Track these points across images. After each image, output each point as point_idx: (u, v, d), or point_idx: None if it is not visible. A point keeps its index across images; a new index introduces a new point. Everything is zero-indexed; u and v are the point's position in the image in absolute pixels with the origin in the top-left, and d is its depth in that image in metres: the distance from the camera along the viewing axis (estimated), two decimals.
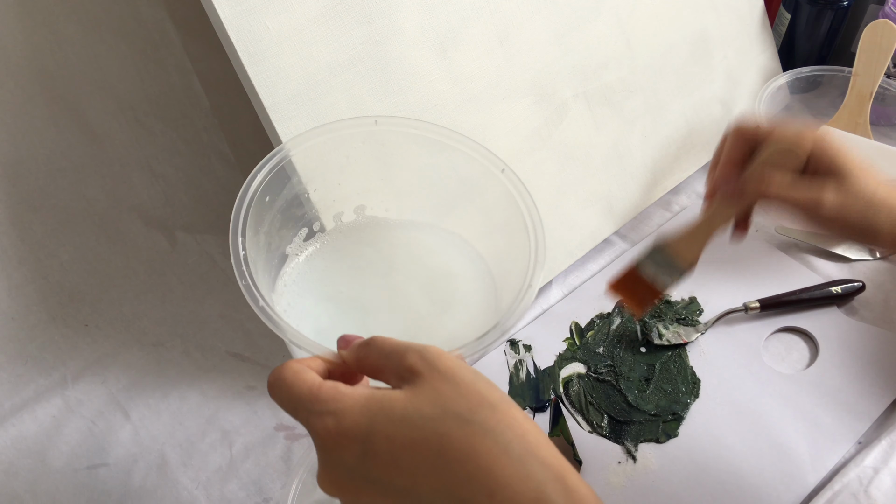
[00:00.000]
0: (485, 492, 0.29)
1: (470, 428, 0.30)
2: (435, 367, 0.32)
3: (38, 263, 0.65)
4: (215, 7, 0.49)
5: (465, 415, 0.30)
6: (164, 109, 0.69)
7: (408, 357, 0.33)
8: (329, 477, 0.32)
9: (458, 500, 0.30)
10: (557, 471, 0.30)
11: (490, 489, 0.29)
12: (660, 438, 0.59)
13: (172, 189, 0.71)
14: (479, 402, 0.31)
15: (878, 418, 0.60)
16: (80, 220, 0.66)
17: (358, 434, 0.31)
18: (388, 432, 0.31)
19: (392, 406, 0.31)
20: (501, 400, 0.32)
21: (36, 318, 0.64)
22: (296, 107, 0.53)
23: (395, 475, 0.30)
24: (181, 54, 0.68)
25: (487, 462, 0.29)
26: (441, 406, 0.31)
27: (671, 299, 0.69)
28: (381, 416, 0.31)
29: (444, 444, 0.30)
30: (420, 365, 0.32)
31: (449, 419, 0.30)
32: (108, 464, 0.57)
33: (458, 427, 0.30)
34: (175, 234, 0.71)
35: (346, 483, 0.32)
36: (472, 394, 0.31)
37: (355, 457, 0.31)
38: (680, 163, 0.79)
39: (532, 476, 0.29)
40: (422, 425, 0.30)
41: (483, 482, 0.29)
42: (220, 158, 0.73)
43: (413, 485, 0.30)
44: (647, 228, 0.76)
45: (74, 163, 0.65)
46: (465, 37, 0.61)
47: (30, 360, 0.63)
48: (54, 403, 0.61)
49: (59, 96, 0.63)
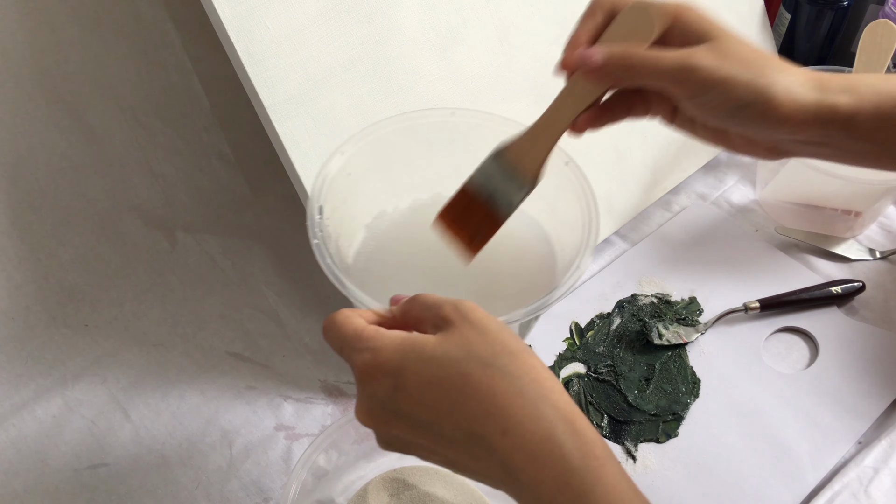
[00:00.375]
0: (499, 429, 0.32)
1: (490, 370, 0.33)
2: (466, 318, 0.35)
3: (38, 263, 0.65)
4: (215, 7, 0.49)
5: (488, 359, 0.33)
6: (164, 109, 0.69)
7: (444, 308, 0.35)
8: (364, 408, 0.35)
9: (474, 436, 0.32)
10: (567, 414, 0.32)
11: (504, 427, 0.32)
12: (660, 438, 0.59)
13: (172, 189, 0.71)
14: (502, 348, 0.34)
15: (879, 418, 0.60)
16: (80, 220, 0.66)
17: (390, 369, 0.34)
18: (417, 369, 0.33)
19: (423, 347, 0.34)
20: (522, 350, 0.34)
21: (36, 317, 0.64)
22: (296, 107, 0.53)
23: (419, 410, 0.33)
24: (181, 54, 0.68)
25: (503, 401, 0.32)
26: (466, 350, 0.33)
27: (671, 299, 0.69)
28: (412, 355, 0.34)
29: (465, 384, 0.33)
30: (453, 315, 0.35)
31: (472, 361, 0.33)
32: (108, 464, 0.57)
33: (479, 369, 0.33)
34: (175, 234, 0.71)
35: (379, 414, 0.35)
36: (496, 342, 0.34)
37: (387, 390, 0.34)
38: (680, 163, 0.79)
39: (544, 416, 0.32)
40: (447, 365, 0.33)
41: (498, 420, 0.32)
42: (220, 158, 0.73)
43: (435, 419, 0.33)
44: (647, 228, 0.76)
45: (74, 163, 0.65)
46: (465, 37, 0.61)
47: (30, 360, 0.63)
48: (54, 403, 0.61)
49: (59, 96, 0.63)
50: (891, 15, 0.80)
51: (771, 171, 0.76)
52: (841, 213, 0.73)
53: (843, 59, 0.92)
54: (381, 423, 0.35)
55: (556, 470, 0.31)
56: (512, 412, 0.32)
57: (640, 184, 0.75)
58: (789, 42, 0.90)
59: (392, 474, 0.54)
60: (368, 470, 0.56)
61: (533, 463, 0.32)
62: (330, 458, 0.56)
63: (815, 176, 0.70)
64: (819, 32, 0.87)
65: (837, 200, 0.73)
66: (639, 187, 0.75)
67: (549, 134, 0.42)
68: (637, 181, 0.75)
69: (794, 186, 0.74)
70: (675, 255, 0.73)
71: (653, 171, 0.76)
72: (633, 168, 0.75)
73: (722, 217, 0.77)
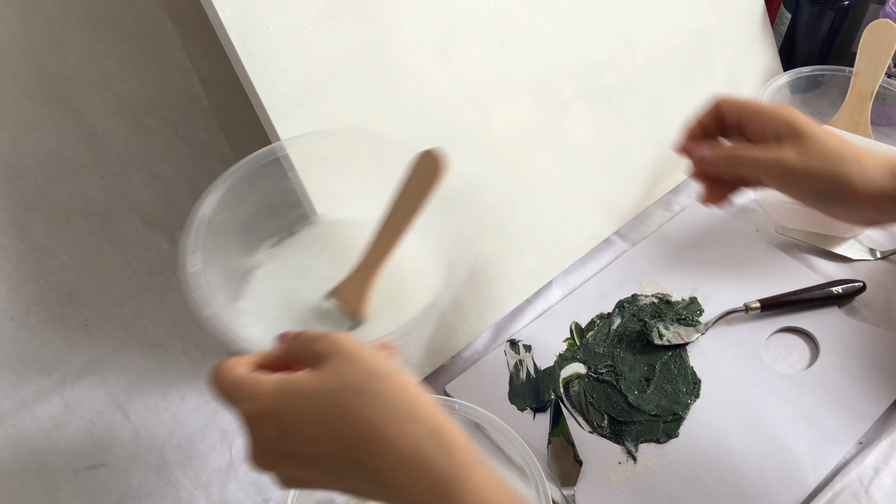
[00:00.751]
0: (375, 452, 0.34)
1: (361, 397, 0.34)
2: (338, 350, 0.36)
3: (38, 263, 0.65)
4: (215, 7, 0.49)
5: (358, 386, 0.35)
6: (164, 109, 0.69)
7: (317, 344, 0.37)
8: (255, 454, 0.36)
9: (355, 462, 0.34)
10: (435, 427, 0.34)
11: (379, 449, 0.34)
12: (660, 439, 0.59)
13: (172, 189, 0.71)
14: (371, 374, 0.35)
15: (879, 418, 0.60)
16: (79, 220, 0.66)
17: (272, 413, 0.35)
18: (297, 408, 0.35)
19: (300, 386, 0.36)
20: (391, 372, 0.36)
21: (35, 318, 0.64)
22: (296, 106, 0.53)
23: (305, 445, 0.35)
24: (181, 54, 0.67)
25: (375, 425, 0.34)
26: (338, 381, 0.35)
27: (671, 299, 0.69)
28: (290, 396, 0.35)
29: (340, 414, 0.34)
30: (326, 349, 0.37)
31: (345, 391, 0.35)
32: (107, 464, 0.57)
33: (351, 397, 0.35)
34: (175, 233, 0.71)
35: (270, 458, 0.36)
36: (366, 368, 0.36)
37: (273, 434, 0.35)
38: (680, 163, 0.79)
39: (412, 434, 0.34)
40: (323, 399, 0.35)
41: (372, 443, 0.34)
42: (220, 158, 0.73)
43: (321, 452, 0.35)
44: (648, 228, 0.76)
45: (74, 163, 0.65)
46: (465, 37, 0.61)
47: (29, 360, 0.63)
48: (54, 403, 0.60)
49: (59, 96, 0.63)
50: (891, 15, 0.80)
51: None
52: None
53: (843, 58, 0.92)
54: (275, 466, 0.36)
55: (427, 481, 0.33)
56: (384, 434, 0.34)
57: (640, 184, 0.75)
58: (790, 42, 0.90)
59: None
60: None
61: (407, 478, 0.33)
62: None
63: None
64: (819, 32, 0.87)
65: None
66: (639, 187, 0.75)
67: (366, 278, 0.48)
68: (637, 181, 0.75)
69: None
70: (675, 255, 0.73)
71: (653, 171, 0.76)
72: (633, 168, 0.75)
73: (722, 217, 0.77)
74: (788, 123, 0.49)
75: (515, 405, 0.61)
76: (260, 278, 0.50)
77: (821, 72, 0.81)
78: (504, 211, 0.65)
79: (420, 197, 0.46)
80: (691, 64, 0.78)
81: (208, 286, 0.44)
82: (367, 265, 0.48)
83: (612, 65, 0.71)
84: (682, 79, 0.77)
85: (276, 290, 0.49)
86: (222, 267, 0.48)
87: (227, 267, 0.48)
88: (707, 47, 0.79)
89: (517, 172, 0.66)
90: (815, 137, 0.48)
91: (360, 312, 0.48)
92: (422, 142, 0.59)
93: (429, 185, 0.46)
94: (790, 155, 0.48)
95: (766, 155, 0.49)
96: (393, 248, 0.47)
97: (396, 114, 0.58)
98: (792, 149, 0.48)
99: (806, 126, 0.48)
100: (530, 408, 0.61)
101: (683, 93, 0.78)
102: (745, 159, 0.50)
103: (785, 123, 0.49)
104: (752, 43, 0.84)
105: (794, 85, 0.83)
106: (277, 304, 0.49)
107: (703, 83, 0.80)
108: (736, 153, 0.50)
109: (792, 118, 0.49)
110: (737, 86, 0.83)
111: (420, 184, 0.46)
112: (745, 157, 0.50)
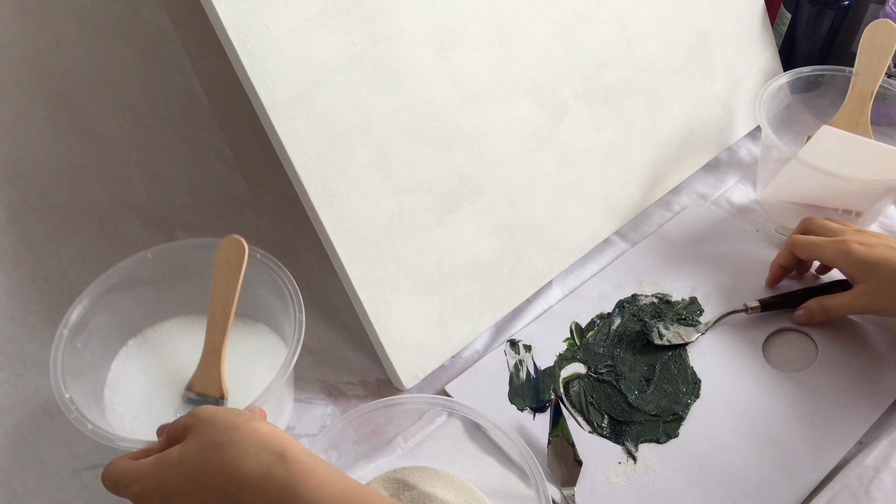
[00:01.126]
0: (238, 485, 0.40)
1: (221, 448, 0.41)
2: (198, 418, 0.43)
3: (38, 263, 0.65)
4: (215, 7, 0.49)
5: (217, 440, 0.41)
6: (164, 109, 0.69)
7: (182, 420, 0.44)
8: None
9: (227, 501, 0.40)
10: (279, 451, 0.40)
11: (240, 483, 0.40)
12: (660, 439, 0.59)
13: (172, 189, 0.71)
14: (226, 427, 0.42)
15: (879, 418, 0.60)
16: (79, 220, 0.66)
17: (155, 487, 0.41)
18: (173, 476, 0.41)
19: (172, 457, 0.42)
20: (244, 421, 0.42)
21: (35, 317, 0.64)
22: (296, 107, 0.53)
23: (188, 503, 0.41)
24: (181, 54, 0.68)
25: (234, 466, 0.40)
26: (201, 441, 0.41)
27: (671, 299, 0.69)
28: (166, 468, 0.42)
29: (207, 467, 0.40)
30: (190, 421, 0.43)
31: (207, 448, 0.41)
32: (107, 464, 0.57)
33: (212, 451, 0.41)
34: (175, 233, 0.71)
35: None
36: (222, 424, 0.42)
37: (160, 503, 0.41)
38: (680, 163, 0.79)
39: (262, 462, 0.40)
40: (191, 460, 0.41)
41: (235, 480, 0.40)
42: (220, 158, 0.73)
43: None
44: (648, 228, 0.76)
45: (74, 163, 0.65)
46: (465, 37, 0.61)
47: (29, 360, 0.63)
48: (54, 403, 0.60)
49: (59, 96, 0.63)
50: (891, 15, 0.80)
51: (771, 171, 0.76)
52: (841, 213, 0.73)
53: (843, 58, 0.92)
54: None
55: (276, 494, 0.39)
56: (242, 470, 0.40)
57: (640, 184, 0.75)
58: (790, 41, 0.90)
59: (392, 474, 0.54)
60: (368, 470, 0.56)
61: (264, 498, 0.39)
62: (330, 458, 0.56)
63: (815, 176, 0.69)
64: (819, 32, 0.87)
65: (838, 200, 0.73)
66: (639, 187, 0.75)
67: (216, 360, 0.55)
68: (637, 181, 0.75)
69: (794, 186, 0.74)
70: (675, 255, 0.73)
71: (653, 171, 0.76)
72: (633, 168, 0.75)
73: (722, 217, 0.77)
74: (854, 267, 0.62)
75: (515, 405, 0.61)
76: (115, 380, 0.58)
77: (821, 72, 0.81)
78: (504, 211, 0.65)
79: (235, 278, 0.54)
80: (691, 64, 0.78)
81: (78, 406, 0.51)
82: (212, 350, 0.55)
83: (612, 65, 0.71)
84: (682, 79, 0.77)
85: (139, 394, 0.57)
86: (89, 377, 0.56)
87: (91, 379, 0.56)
88: (707, 47, 0.79)
89: (517, 172, 0.66)
90: (884, 278, 0.60)
91: (220, 391, 0.55)
92: (422, 142, 0.59)
93: (239, 266, 0.54)
94: (868, 298, 0.62)
95: (851, 303, 0.63)
96: (228, 328, 0.55)
97: (396, 114, 0.58)
98: (867, 289, 0.62)
99: (871, 264, 0.61)
100: (530, 408, 0.61)
101: (683, 93, 0.78)
102: (836, 309, 0.64)
103: (851, 269, 0.63)
104: (752, 43, 0.84)
105: (794, 85, 0.83)
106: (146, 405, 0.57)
107: (703, 83, 0.80)
108: (825, 306, 0.64)
109: (855, 262, 0.62)
110: (736, 86, 0.83)
111: (231, 267, 0.54)
112: (834, 308, 0.64)
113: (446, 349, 0.64)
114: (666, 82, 0.76)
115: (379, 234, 0.59)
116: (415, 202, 0.60)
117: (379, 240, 0.59)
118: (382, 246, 0.59)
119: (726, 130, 0.83)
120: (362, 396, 0.62)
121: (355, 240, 0.57)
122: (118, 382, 0.58)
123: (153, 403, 0.56)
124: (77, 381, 0.53)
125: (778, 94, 0.81)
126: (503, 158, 0.65)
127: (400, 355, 0.61)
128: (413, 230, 0.60)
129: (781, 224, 0.75)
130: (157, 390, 0.57)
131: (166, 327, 0.61)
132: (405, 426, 0.59)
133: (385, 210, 0.59)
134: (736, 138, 0.84)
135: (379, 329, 0.60)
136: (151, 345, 0.60)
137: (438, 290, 0.62)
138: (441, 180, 0.61)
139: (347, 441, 0.58)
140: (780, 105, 0.85)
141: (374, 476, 0.55)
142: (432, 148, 0.60)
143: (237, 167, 0.74)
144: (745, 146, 0.85)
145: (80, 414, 0.50)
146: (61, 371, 0.52)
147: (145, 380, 0.58)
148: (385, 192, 0.58)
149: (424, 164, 0.60)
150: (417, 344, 0.62)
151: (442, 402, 0.56)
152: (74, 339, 0.55)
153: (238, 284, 0.54)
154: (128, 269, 0.58)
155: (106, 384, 0.57)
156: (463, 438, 0.59)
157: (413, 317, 0.61)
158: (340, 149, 0.56)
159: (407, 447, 0.58)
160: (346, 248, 0.57)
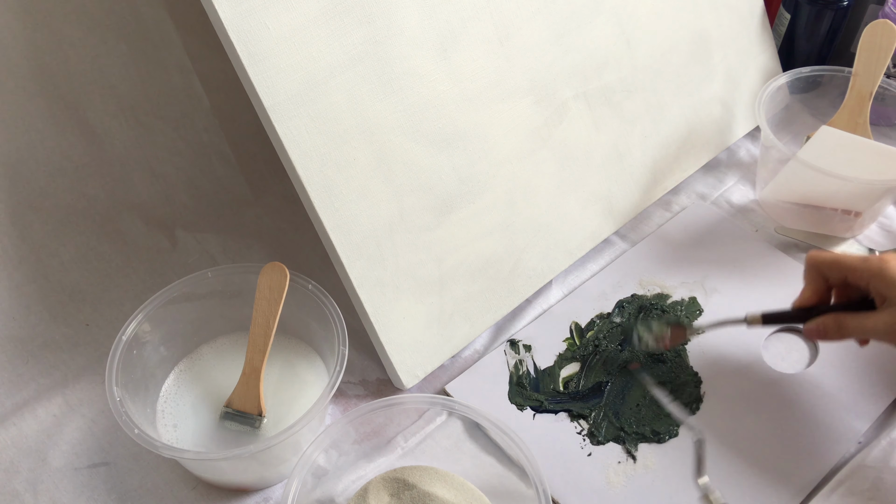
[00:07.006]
0: None
1: None
2: None
3: (39, 263, 0.65)
4: (215, 7, 0.50)
5: None
6: (164, 109, 0.69)
7: None
8: None
9: None
10: None
11: None
12: (660, 439, 0.59)
13: (172, 189, 0.71)
14: None
15: (879, 418, 0.60)
16: (80, 220, 0.66)
17: None
18: None
19: None
20: None
21: (37, 317, 0.64)
22: (296, 107, 0.53)
23: None
24: (181, 54, 0.68)
25: None
26: None
27: (672, 299, 0.69)
28: None
29: None
30: None
31: None
32: (108, 463, 0.57)
33: None
34: (175, 233, 0.71)
35: None
36: None
37: None
38: (680, 163, 0.79)
39: None
40: None
41: None
42: (220, 158, 0.73)
43: None
44: (647, 228, 0.76)
45: (74, 163, 0.65)
46: (465, 37, 0.61)
47: (30, 360, 0.63)
48: (55, 402, 0.61)
49: (59, 96, 0.63)
50: (891, 15, 0.80)
51: (771, 171, 0.76)
52: (841, 213, 0.73)
53: (843, 59, 0.92)
54: None
55: None
56: None
57: (640, 184, 0.76)
58: (789, 42, 0.90)
59: (392, 474, 0.54)
60: (368, 470, 0.56)
61: None
62: (330, 458, 0.56)
63: (815, 176, 0.70)
64: (819, 32, 0.87)
65: (837, 200, 0.73)
66: (639, 187, 0.75)
67: (254, 380, 0.57)
68: (637, 181, 0.75)
69: (794, 186, 0.74)
70: (674, 255, 0.73)
71: (653, 171, 0.76)
72: (633, 168, 0.75)
73: (722, 217, 0.77)
74: (891, 287, 0.53)
75: (515, 405, 0.62)
76: (169, 390, 0.61)
77: (820, 72, 0.81)
78: (504, 211, 0.65)
79: (276, 302, 0.56)
80: (691, 64, 0.78)
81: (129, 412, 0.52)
82: (252, 369, 0.57)
83: (611, 65, 0.71)
84: (681, 79, 0.77)
85: (185, 405, 0.59)
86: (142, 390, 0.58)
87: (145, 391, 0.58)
88: (707, 47, 0.79)
89: (517, 172, 0.66)
90: None
91: (258, 408, 0.57)
92: (422, 142, 0.59)
93: (280, 291, 0.56)
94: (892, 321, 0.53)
95: (875, 325, 0.54)
96: (268, 349, 0.57)
97: (396, 114, 0.58)
98: (891, 314, 0.53)
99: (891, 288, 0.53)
100: (530, 408, 0.61)
101: (683, 93, 0.78)
102: (855, 330, 0.56)
103: (888, 288, 0.54)
104: (752, 43, 0.84)
105: (794, 85, 0.83)
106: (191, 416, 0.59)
107: (703, 83, 0.80)
108: (844, 324, 0.56)
109: (893, 281, 0.53)
110: (736, 86, 0.83)
111: (273, 292, 0.56)
112: (853, 328, 0.56)
113: (446, 349, 0.64)
114: (665, 83, 0.76)
115: (379, 234, 0.59)
116: (415, 202, 0.60)
117: (379, 240, 0.59)
118: (382, 246, 0.59)
119: (726, 131, 0.83)
120: (362, 396, 0.62)
121: (355, 240, 0.58)
122: (170, 394, 0.60)
123: (193, 415, 0.58)
124: (128, 387, 0.55)
125: (777, 94, 0.81)
126: (503, 159, 0.65)
127: (400, 355, 0.61)
128: (413, 230, 0.60)
129: (781, 224, 0.76)
130: (196, 404, 0.59)
131: (219, 343, 0.63)
132: (405, 426, 0.60)
133: (385, 210, 0.59)
134: (735, 138, 0.84)
135: (379, 329, 0.60)
136: (204, 361, 0.62)
137: (438, 290, 0.62)
138: (441, 180, 0.61)
139: (347, 441, 0.58)
140: (779, 105, 0.85)
141: (374, 476, 0.55)
142: (432, 148, 0.60)
143: (238, 167, 0.74)
144: (744, 146, 0.85)
145: (129, 417, 0.51)
146: (116, 375, 0.54)
147: (193, 393, 0.60)
148: (385, 192, 0.59)
149: (424, 164, 0.60)
150: (417, 344, 0.62)
151: (442, 402, 0.56)
152: (131, 347, 0.56)
153: (279, 309, 0.56)
154: (189, 286, 0.60)
155: (160, 394, 0.59)
156: (463, 438, 0.59)
157: (413, 316, 0.61)
158: (341, 149, 0.56)
159: (407, 447, 0.58)
160: (346, 248, 0.57)
